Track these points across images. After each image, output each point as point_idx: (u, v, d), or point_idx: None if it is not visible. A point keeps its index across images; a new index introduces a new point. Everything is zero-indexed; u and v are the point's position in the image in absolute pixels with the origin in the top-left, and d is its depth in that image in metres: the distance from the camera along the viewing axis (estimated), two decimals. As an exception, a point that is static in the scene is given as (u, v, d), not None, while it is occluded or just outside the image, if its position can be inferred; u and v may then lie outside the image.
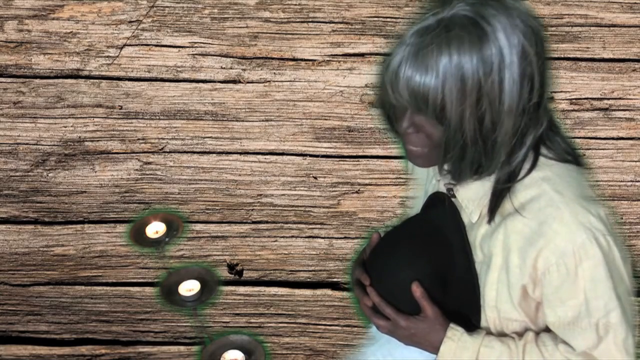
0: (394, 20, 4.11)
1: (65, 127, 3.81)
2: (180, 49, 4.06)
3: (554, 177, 1.66)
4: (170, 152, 3.73)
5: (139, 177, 3.65)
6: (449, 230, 1.75)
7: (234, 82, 3.95)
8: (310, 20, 4.14)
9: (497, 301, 1.71)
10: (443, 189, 1.78)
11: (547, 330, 1.73)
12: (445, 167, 1.68)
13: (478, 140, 1.58)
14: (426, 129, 1.62)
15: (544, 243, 1.63)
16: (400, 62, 1.58)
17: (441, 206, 1.77)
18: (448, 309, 1.74)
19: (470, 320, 1.74)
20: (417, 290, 1.72)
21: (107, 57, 4.03)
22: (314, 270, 3.38)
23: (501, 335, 1.74)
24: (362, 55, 4.01)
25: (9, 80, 3.97)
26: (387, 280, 1.75)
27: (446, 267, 1.74)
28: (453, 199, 1.75)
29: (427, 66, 1.55)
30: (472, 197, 1.71)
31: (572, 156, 1.70)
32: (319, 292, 3.32)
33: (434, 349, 1.75)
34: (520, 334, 1.73)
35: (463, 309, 1.75)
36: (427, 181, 1.89)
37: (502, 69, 1.55)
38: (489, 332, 1.74)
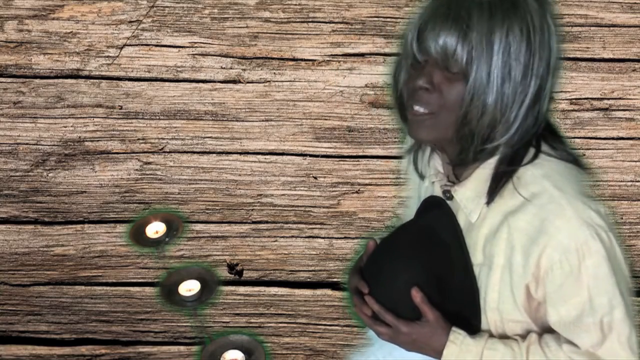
0: (394, 20, 4.11)
1: (65, 127, 3.81)
2: (180, 49, 4.05)
3: (554, 174, 1.66)
4: (170, 152, 3.73)
5: (139, 177, 3.65)
6: (445, 233, 1.74)
7: (234, 82, 3.95)
8: (310, 20, 4.14)
9: (499, 303, 1.70)
10: (437, 192, 1.77)
11: (549, 331, 1.73)
12: (454, 139, 1.65)
13: (499, 100, 1.59)
14: (443, 88, 1.61)
15: (546, 240, 1.62)
16: (433, 13, 1.60)
17: (436, 210, 1.77)
18: (448, 312, 1.73)
19: (471, 323, 1.74)
20: (417, 295, 1.71)
21: (107, 57, 4.03)
22: (314, 270, 3.38)
23: (503, 337, 1.74)
24: (362, 55, 4.01)
25: (9, 80, 3.97)
26: (386, 287, 1.74)
27: (444, 270, 1.73)
28: (448, 202, 1.75)
29: (459, 18, 1.57)
30: (471, 196, 1.70)
31: (572, 157, 1.70)
32: (319, 292, 3.32)
33: (437, 354, 1.73)
34: (523, 336, 1.72)
35: (462, 312, 1.74)
36: (419, 185, 1.88)
37: (533, 34, 1.61)
38: (491, 335, 1.74)
